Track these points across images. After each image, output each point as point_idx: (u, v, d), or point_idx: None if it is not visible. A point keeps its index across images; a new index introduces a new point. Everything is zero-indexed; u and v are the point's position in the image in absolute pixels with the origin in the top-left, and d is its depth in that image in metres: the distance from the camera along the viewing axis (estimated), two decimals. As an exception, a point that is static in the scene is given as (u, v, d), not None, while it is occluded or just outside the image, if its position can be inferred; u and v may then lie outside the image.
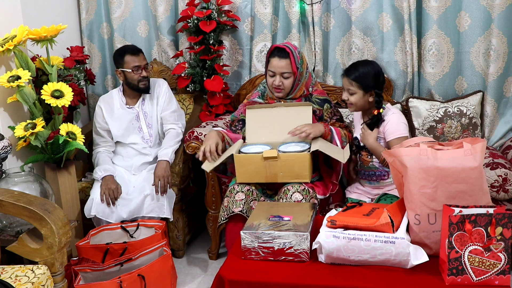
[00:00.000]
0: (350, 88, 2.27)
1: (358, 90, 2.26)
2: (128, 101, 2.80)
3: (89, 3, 3.35)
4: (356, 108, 2.33)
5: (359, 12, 2.93)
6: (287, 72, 2.39)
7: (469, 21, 2.79)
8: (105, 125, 2.77)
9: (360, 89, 2.26)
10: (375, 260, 1.66)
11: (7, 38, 2.37)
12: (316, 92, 2.52)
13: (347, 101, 2.32)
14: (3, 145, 2.25)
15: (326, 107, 2.50)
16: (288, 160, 2.23)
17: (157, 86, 2.84)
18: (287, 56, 2.38)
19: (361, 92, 2.26)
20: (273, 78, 2.42)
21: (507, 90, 2.82)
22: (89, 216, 2.55)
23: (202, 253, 2.89)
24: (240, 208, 2.21)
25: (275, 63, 2.39)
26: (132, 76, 2.70)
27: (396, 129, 2.25)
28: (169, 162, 2.64)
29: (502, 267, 1.55)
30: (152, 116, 2.79)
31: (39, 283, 1.81)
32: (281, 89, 2.43)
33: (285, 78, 2.40)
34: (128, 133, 2.76)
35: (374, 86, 2.26)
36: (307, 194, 2.23)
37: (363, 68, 2.28)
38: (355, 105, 2.30)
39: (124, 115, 2.77)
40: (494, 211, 1.56)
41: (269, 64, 2.42)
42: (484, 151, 1.68)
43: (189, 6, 3.02)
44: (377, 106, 2.28)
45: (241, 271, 1.72)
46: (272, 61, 2.40)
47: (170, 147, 2.70)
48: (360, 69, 2.27)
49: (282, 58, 2.38)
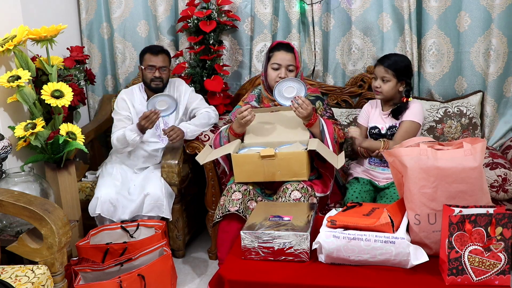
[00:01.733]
0: (385, 76, 2.43)
1: (393, 78, 2.42)
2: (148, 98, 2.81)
3: (89, 3, 3.35)
4: (385, 96, 2.47)
5: (359, 12, 2.93)
6: (292, 65, 2.44)
7: (469, 21, 2.79)
8: (129, 114, 2.79)
9: (394, 77, 2.42)
10: (375, 260, 1.66)
11: (7, 38, 2.37)
12: (309, 90, 2.56)
13: (379, 88, 2.46)
14: (3, 145, 2.25)
15: (318, 105, 2.53)
16: (285, 159, 2.24)
17: (176, 85, 2.87)
18: (292, 50, 2.45)
19: (394, 80, 2.42)
20: (278, 71, 2.45)
21: (507, 90, 2.82)
22: (94, 215, 2.56)
23: (202, 253, 2.89)
24: (237, 207, 2.22)
25: (281, 56, 2.44)
26: (146, 73, 2.75)
27: (416, 113, 2.42)
28: (183, 133, 2.67)
29: (502, 267, 1.55)
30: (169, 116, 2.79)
31: (39, 283, 1.81)
32: None
33: (290, 71, 2.45)
34: None
35: (406, 75, 2.44)
36: (305, 192, 2.23)
37: (396, 57, 2.47)
38: (386, 93, 2.45)
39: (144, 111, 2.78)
40: (494, 211, 1.56)
41: (273, 57, 2.46)
42: (484, 151, 1.68)
43: (189, 6, 3.02)
44: (406, 95, 2.46)
45: (241, 271, 1.72)
46: (277, 54, 2.45)
47: (194, 125, 2.72)
48: (393, 58, 2.46)
49: (288, 51, 2.44)
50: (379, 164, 2.49)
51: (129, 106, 2.80)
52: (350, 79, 3.02)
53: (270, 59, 2.47)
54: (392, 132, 2.47)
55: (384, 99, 2.51)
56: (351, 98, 3.01)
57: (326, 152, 2.27)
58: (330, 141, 2.36)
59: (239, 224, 2.19)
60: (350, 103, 3.00)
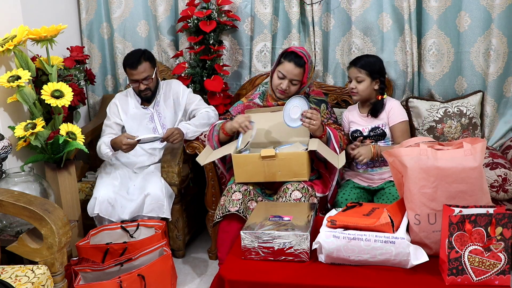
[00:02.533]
0: (358, 75, 2.47)
1: (366, 77, 2.47)
2: (143, 101, 2.83)
3: (89, 3, 3.35)
4: (361, 97, 2.51)
5: (359, 12, 2.93)
6: (297, 80, 2.42)
7: (469, 21, 2.79)
8: (119, 121, 2.80)
9: (368, 76, 2.46)
10: (375, 260, 1.66)
11: (7, 38, 2.37)
12: (313, 93, 2.57)
13: (354, 89, 2.49)
14: (3, 145, 2.25)
15: (322, 108, 2.52)
16: (285, 159, 2.24)
17: (172, 87, 2.86)
18: (303, 65, 2.40)
19: (368, 79, 2.47)
20: (281, 81, 2.43)
21: (507, 90, 2.82)
22: (92, 215, 2.56)
23: (202, 253, 2.89)
24: (237, 207, 2.22)
25: (289, 68, 2.40)
26: (132, 86, 2.76)
27: (399, 113, 2.49)
28: (183, 134, 2.67)
29: (502, 267, 1.55)
30: (166, 117, 2.80)
31: (39, 283, 1.81)
32: (286, 93, 2.45)
33: (293, 84, 2.44)
34: (142, 133, 2.76)
35: (379, 73, 2.49)
36: (306, 192, 2.23)
37: (368, 58, 2.52)
38: (362, 93, 2.49)
39: (139, 115, 2.81)
40: (494, 211, 1.56)
41: (281, 65, 2.43)
42: (484, 151, 1.68)
43: (189, 6, 3.03)
44: (381, 92, 2.51)
45: (241, 271, 1.72)
46: (286, 65, 2.41)
47: (194, 125, 2.71)
48: (366, 59, 2.51)
49: (297, 66, 2.39)
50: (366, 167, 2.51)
51: (120, 112, 2.81)
52: (350, 79, 3.02)
53: (279, 65, 2.45)
54: (375, 133, 2.49)
55: (361, 99, 2.54)
56: (351, 98, 3.01)
57: (327, 152, 2.27)
58: (336, 143, 2.37)
59: (239, 224, 2.19)
60: (350, 103, 3.00)
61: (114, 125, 2.79)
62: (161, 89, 2.84)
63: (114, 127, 2.79)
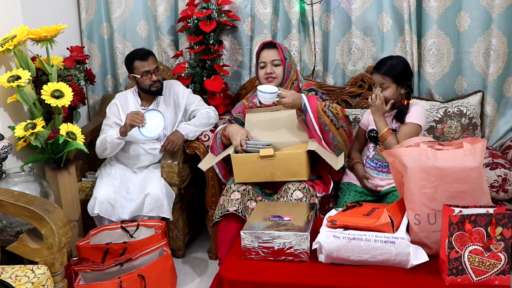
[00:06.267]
0: (383, 82, 2.33)
1: (392, 83, 2.33)
2: (143, 102, 2.83)
3: (89, 3, 3.35)
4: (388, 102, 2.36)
5: (359, 12, 2.93)
6: (276, 59, 2.49)
7: (469, 21, 2.79)
8: (119, 121, 2.79)
9: (393, 83, 2.33)
10: (375, 260, 1.66)
11: (7, 38, 2.37)
12: (304, 86, 2.60)
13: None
14: (3, 145, 2.25)
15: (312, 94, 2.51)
16: (284, 159, 2.25)
17: (172, 88, 2.86)
18: (275, 46, 2.51)
19: (394, 85, 2.33)
20: (264, 69, 2.51)
21: (507, 90, 2.82)
22: (93, 214, 2.56)
23: (202, 253, 2.89)
24: (235, 207, 2.22)
25: (264, 54, 2.52)
26: (142, 81, 2.72)
27: (414, 115, 2.33)
28: (183, 136, 2.68)
29: (502, 267, 1.55)
30: (166, 117, 2.79)
31: (39, 283, 1.81)
32: (273, 78, 2.49)
33: (275, 65, 2.50)
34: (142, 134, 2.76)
35: (405, 77, 2.35)
36: (307, 192, 2.23)
37: (391, 61, 2.36)
38: (388, 100, 2.34)
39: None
40: (494, 211, 1.56)
41: (259, 57, 2.53)
42: (484, 151, 1.68)
43: (189, 6, 3.03)
44: (407, 97, 2.37)
45: (241, 271, 1.72)
46: (261, 54, 2.53)
47: (194, 125, 2.73)
48: (389, 63, 2.35)
49: (270, 48, 2.51)
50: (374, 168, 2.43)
51: (120, 113, 2.80)
52: (350, 79, 3.02)
53: (257, 61, 2.55)
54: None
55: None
56: (351, 98, 3.01)
57: (325, 153, 2.27)
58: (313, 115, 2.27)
59: (238, 224, 2.19)
60: (350, 103, 3.00)
61: (114, 125, 2.78)
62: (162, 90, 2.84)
63: (114, 126, 2.78)
